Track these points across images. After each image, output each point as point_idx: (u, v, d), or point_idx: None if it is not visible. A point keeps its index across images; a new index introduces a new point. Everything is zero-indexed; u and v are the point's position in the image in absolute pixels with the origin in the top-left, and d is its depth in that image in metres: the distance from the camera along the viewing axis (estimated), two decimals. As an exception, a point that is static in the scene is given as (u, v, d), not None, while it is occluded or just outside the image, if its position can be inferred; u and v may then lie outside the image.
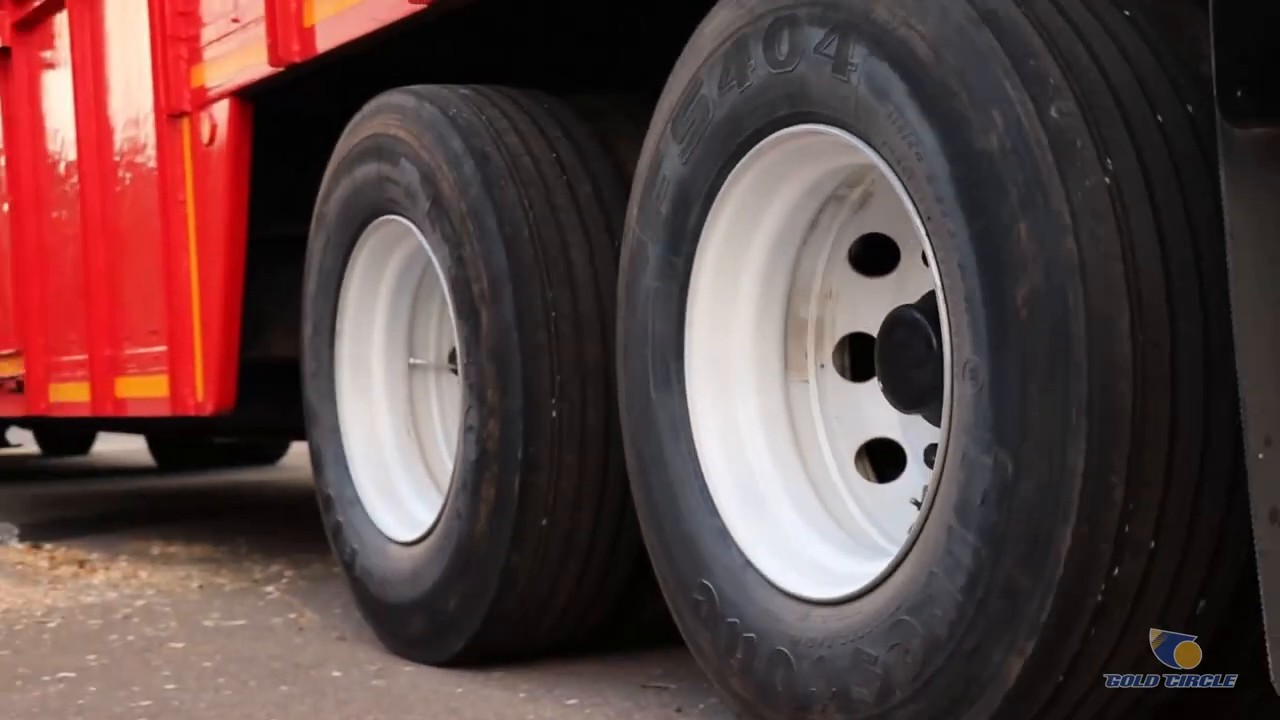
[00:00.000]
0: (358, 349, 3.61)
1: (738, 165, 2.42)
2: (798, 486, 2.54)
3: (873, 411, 2.52)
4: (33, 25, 5.29)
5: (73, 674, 3.33)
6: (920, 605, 2.08)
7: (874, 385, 2.48)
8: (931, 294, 2.16)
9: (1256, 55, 1.82)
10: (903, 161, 2.08)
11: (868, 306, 2.51)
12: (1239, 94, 1.81)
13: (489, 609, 3.07)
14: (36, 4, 5.21)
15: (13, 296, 5.49)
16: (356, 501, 3.53)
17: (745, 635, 2.39)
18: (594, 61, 3.67)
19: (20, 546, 5.70)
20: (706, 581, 2.48)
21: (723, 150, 2.43)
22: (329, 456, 3.62)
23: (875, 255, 2.53)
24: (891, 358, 2.38)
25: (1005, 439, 1.95)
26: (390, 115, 3.28)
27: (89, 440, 12.80)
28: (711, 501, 2.51)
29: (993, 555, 1.97)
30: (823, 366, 2.58)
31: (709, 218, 2.48)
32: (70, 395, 5.15)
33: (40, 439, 12.64)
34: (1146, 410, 1.89)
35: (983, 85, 1.97)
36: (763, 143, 2.37)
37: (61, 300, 5.17)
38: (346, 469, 3.56)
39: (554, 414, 2.91)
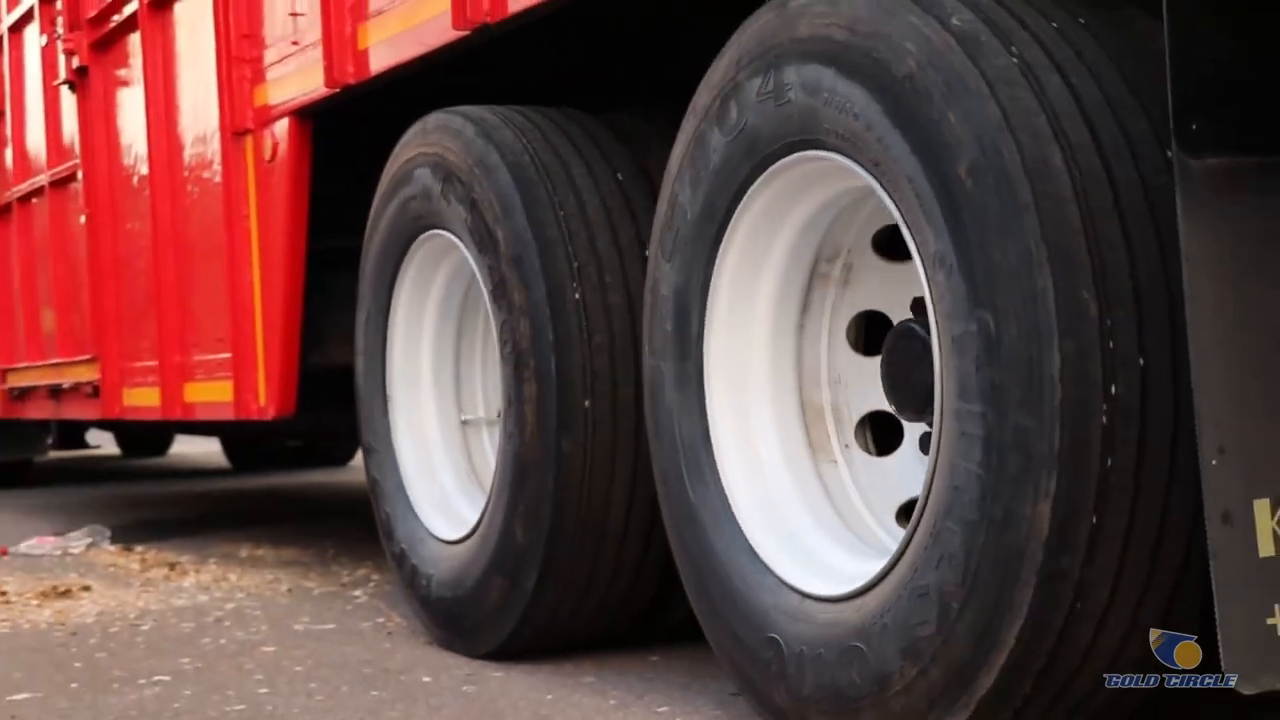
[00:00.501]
0: (408, 358, 3.78)
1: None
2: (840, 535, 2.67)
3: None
4: (108, 45, 5.52)
5: (167, 677, 3.38)
6: (950, 504, 2.16)
7: (899, 455, 2.62)
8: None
9: (1211, 90, 1.95)
10: (848, 134, 2.30)
11: (875, 388, 2.64)
12: (1194, 127, 1.94)
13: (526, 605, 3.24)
14: (112, 25, 5.44)
15: (89, 305, 5.73)
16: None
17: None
18: (634, 80, 3.83)
19: (112, 549, 5.81)
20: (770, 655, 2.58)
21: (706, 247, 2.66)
22: (379, 457, 3.82)
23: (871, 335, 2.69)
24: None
25: (981, 300, 2.08)
26: (435, 135, 3.46)
27: (167, 442, 13.12)
28: (762, 562, 2.62)
29: (998, 414, 2.07)
30: (847, 447, 2.72)
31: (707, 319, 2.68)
32: (142, 400, 5.37)
33: (120, 441, 12.98)
34: (1098, 232, 2.02)
35: (894, 30, 2.21)
36: (741, 202, 2.59)
37: (134, 309, 5.39)
38: (396, 466, 3.76)
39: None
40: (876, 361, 2.61)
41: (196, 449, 12.71)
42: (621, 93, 3.67)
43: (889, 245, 2.63)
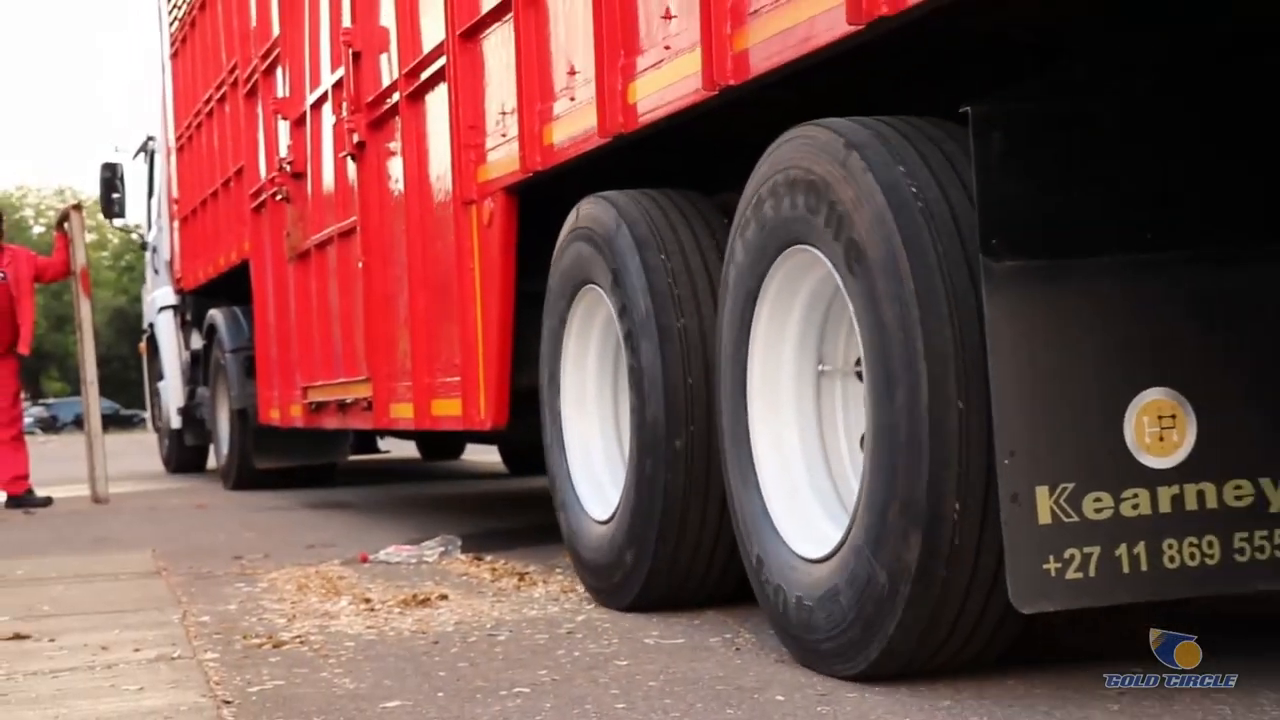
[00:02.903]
0: (578, 385, 4.90)
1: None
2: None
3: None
4: (380, 126, 6.83)
5: (527, 689, 3.46)
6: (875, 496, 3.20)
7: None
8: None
9: (1006, 212, 2.93)
10: (817, 238, 3.31)
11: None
12: (994, 242, 2.92)
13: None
14: (383, 110, 6.75)
15: (364, 334, 7.06)
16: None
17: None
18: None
19: (464, 557, 6.02)
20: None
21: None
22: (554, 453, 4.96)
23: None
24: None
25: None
26: (587, 209, 4.60)
27: (460, 448, 14.62)
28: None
29: (890, 444, 3.05)
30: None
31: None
32: (402, 413, 6.65)
33: (420, 447, 14.54)
34: (947, 316, 3.01)
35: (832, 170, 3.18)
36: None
37: (396, 338, 6.68)
38: (563, 452, 4.88)
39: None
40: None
41: (479, 455, 14.02)
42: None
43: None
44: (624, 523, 4.44)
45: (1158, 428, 2.95)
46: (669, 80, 4.11)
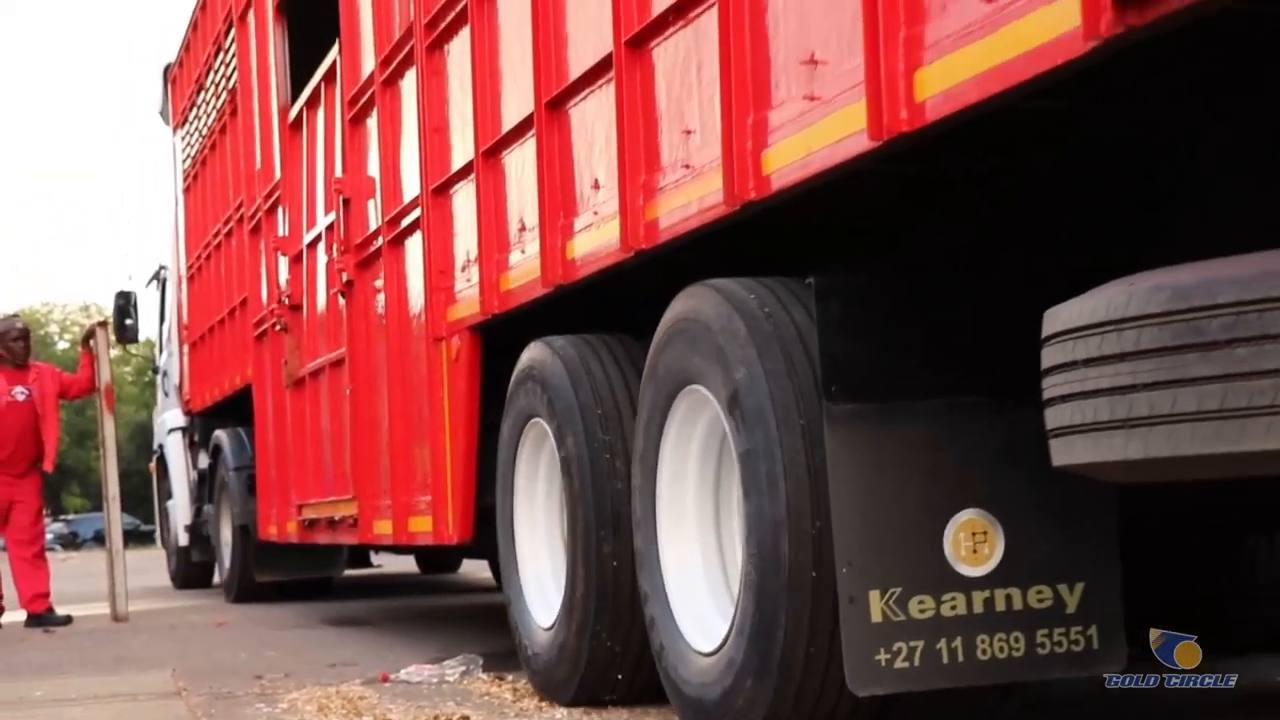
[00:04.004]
0: (529, 502, 5.52)
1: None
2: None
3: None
4: (367, 266, 7.52)
5: None
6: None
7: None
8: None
9: (843, 364, 3.57)
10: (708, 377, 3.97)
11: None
12: (833, 388, 3.56)
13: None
14: (369, 252, 7.44)
15: (351, 456, 7.70)
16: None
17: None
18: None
19: (485, 677, 6.00)
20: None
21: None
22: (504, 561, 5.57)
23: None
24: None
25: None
26: (530, 352, 5.25)
27: (458, 561, 15.18)
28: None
29: (760, 550, 3.68)
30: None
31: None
32: (383, 529, 7.28)
33: (419, 561, 15.11)
34: (799, 450, 3.64)
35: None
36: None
37: (378, 460, 7.32)
38: (515, 566, 5.50)
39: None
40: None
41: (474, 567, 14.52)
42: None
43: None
44: (561, 633, 5.04)
45: (971, 542, 3.57)
46: (597, 241, 4.78)
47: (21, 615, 10.30)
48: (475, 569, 14.77)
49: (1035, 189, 3.86)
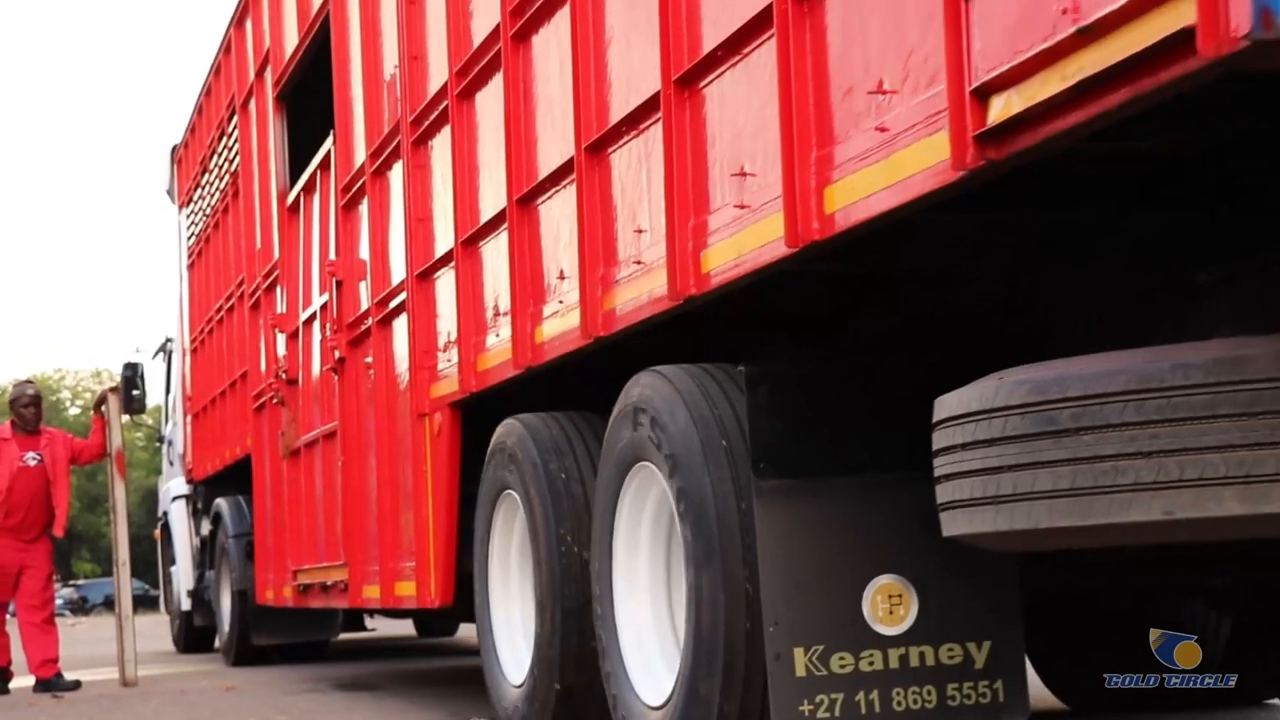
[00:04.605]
0: (504, 569, 5.91)
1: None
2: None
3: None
4: (358, 344, 7.94)
5: None
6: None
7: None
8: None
9: (770, 443, 3.97)
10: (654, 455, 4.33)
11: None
12: (761, 465, 3.96)
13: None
14: (360, 331, 7.85)
15: (342, 524, 8.09)
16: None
17: None
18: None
19: None
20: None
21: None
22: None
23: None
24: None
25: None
26: (503, 430, 5.65)
27: (455, 625, 15.50)
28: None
29: (698, 616, 4.06)
30: None
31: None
32: (371, 594, 7.65)
33: (417, 624, 15.44)
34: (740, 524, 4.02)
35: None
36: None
37: (366, 527, 7.70)
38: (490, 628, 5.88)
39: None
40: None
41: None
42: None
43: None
44: (529, 688, 5.42)
45: (888, 604, 3.96)
46: (562, 328, 5.19)
47: (30, 680, 10.38)
48: (472, 633, 15.08)
49: (939, 284, 4.27)
